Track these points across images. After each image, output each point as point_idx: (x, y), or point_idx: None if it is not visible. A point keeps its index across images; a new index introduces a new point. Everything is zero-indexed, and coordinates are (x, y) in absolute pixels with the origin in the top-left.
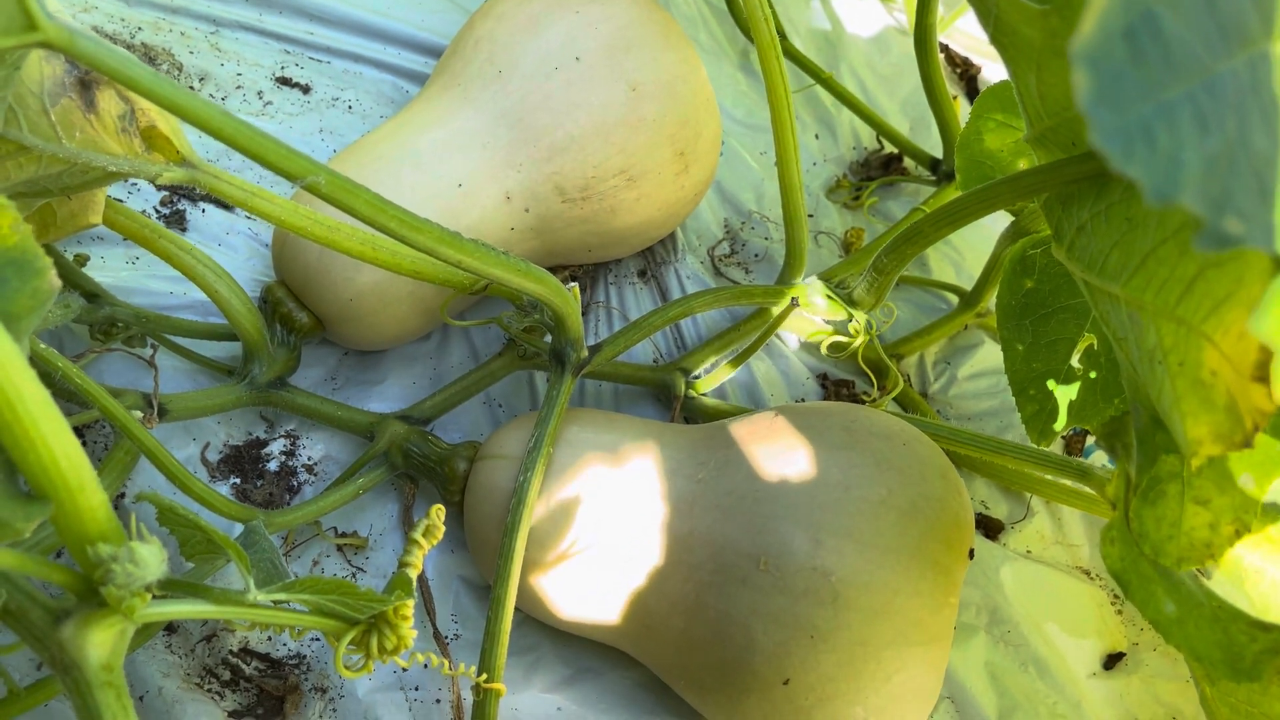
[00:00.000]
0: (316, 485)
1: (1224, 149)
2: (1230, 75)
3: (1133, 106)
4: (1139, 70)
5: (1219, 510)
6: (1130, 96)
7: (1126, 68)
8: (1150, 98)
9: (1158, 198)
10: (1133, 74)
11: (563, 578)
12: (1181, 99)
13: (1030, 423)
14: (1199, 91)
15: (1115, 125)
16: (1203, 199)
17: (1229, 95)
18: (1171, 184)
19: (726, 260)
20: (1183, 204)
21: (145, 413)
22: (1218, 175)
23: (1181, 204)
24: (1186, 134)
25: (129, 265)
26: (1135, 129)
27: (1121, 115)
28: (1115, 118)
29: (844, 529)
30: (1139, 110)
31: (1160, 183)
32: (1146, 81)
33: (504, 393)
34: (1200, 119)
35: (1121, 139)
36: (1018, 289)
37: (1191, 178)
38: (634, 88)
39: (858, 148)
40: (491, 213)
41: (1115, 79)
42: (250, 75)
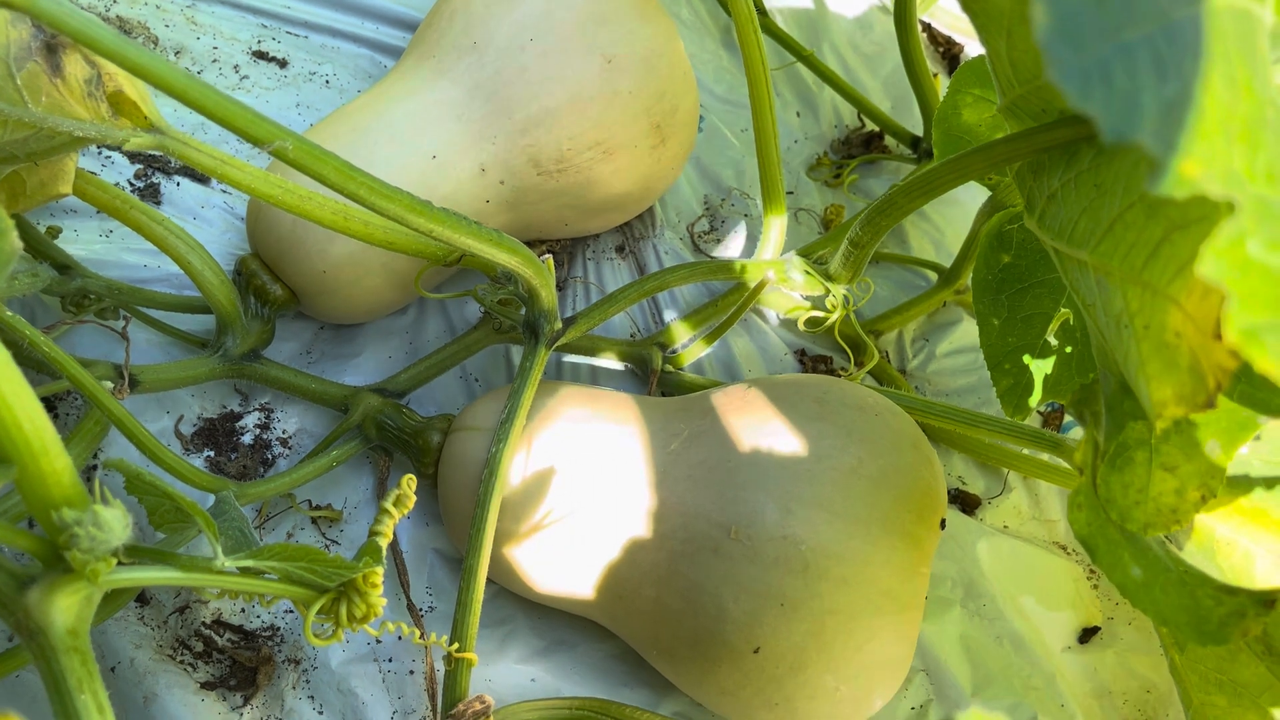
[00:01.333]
0: (291, 458)
1: (1180, 93)
2: (1189, 22)
3: (1092, 45)
4: (1099, 10)
5: (1185, 476)
6: (1089, 35)
7: (1087, 6)
8: (1109, 38)
9: (1114, 135)
10: (1093, 13)
11: (536, 549)
12: (1140, 42)
13: (1005, 397)
14: (1157, 36)
15: (1074, 63)
16: (1158, 139)
17: (1187, 42)
18: (1128, 123)
19: (706, 236)
20: (1139, 142)
21: (116, 383)
22: (1174, 118)
23: (1137, 142)
24: (1144, 77)
25: (102, 238)
26: (1093, 68)
27: (1080, 53)
28: (1074, 55)
29: (814, 498)
30: (1098, 49)
31: (1117, 121)
32: (1106, 22)
33: (480, 366)
34: (1159, 63)
35: (1079, 77)
36: (994, 264)
37: (1148, 119)
38: (610, 60)
39: (839, 125)
40: (466, 185)
41: (1075, 17)
42: (227, 49)
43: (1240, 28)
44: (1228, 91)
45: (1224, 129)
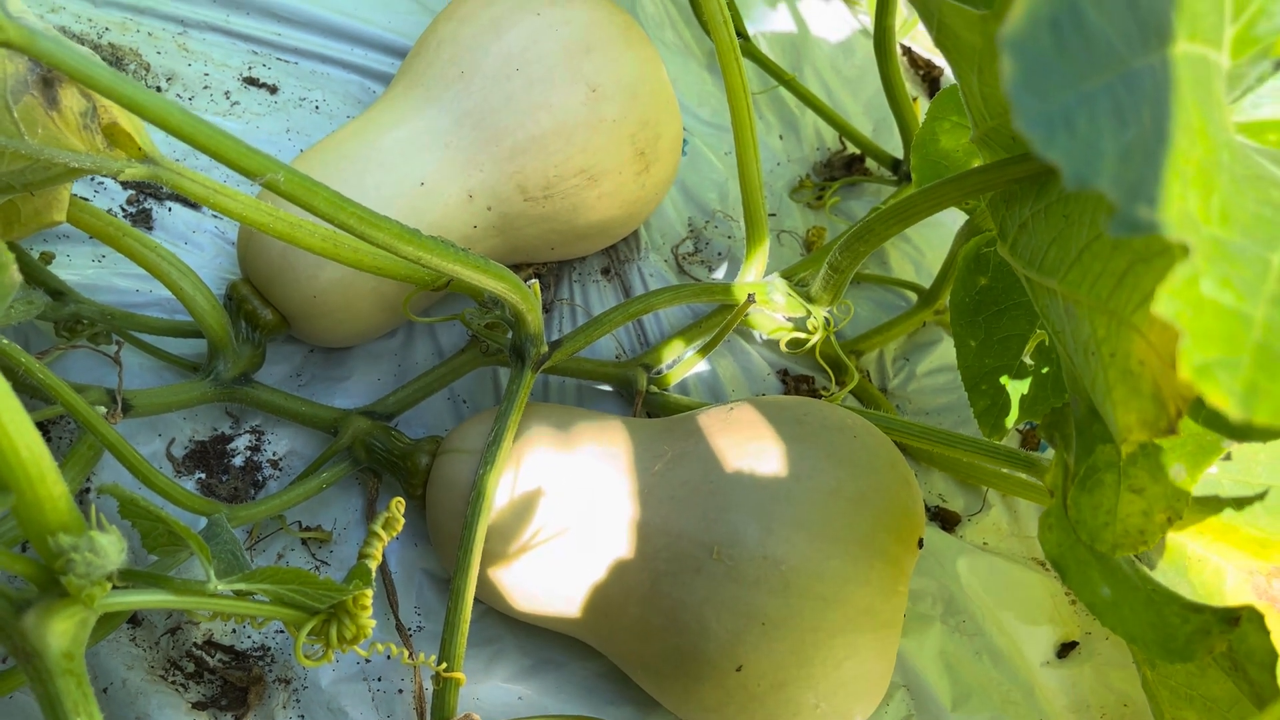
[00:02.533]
0: (281, 480)
1: (1139, 140)
2: (1147, 71)
3: (1055, 94)
4: (1062, 60)
5: (1152, 498)
6: (1053, 84)
7: (1051, 56)
8: (1072, 87)
9: (1075, 182)
10: (1056, 63)
11: (523, 569)
12: (1101, 90)
13: (982, 417)
14: (1117, 84)
15: (1039, 111)
16: (1117, 186)
17: (1146, 90)
18: (1089, 170)
19: (690, 258)
20: (1098, 189)
21: (109, 408)
22: (1133, 164)
23: (1097, 189)
24: (1104, 123)
25: (95, 263)
26: (1057, 116)
27: (1045, 102)
28: (1039, 104)
29: (795, 519)
30: (1061, 98)
31: (1078, 168)
32: (1069, 71)
33: (468, 388)
34: (1119, 110)
35: (1044, 125)
36: (972, 286)
37: (1108, 165)
38: (594, 89)
39: (821, 148)
40: (454, 211)
41: (1040, 67)
42: (218, 75)
43: (1197, 74)
44: (1184, 137)
45: (1180, 173)
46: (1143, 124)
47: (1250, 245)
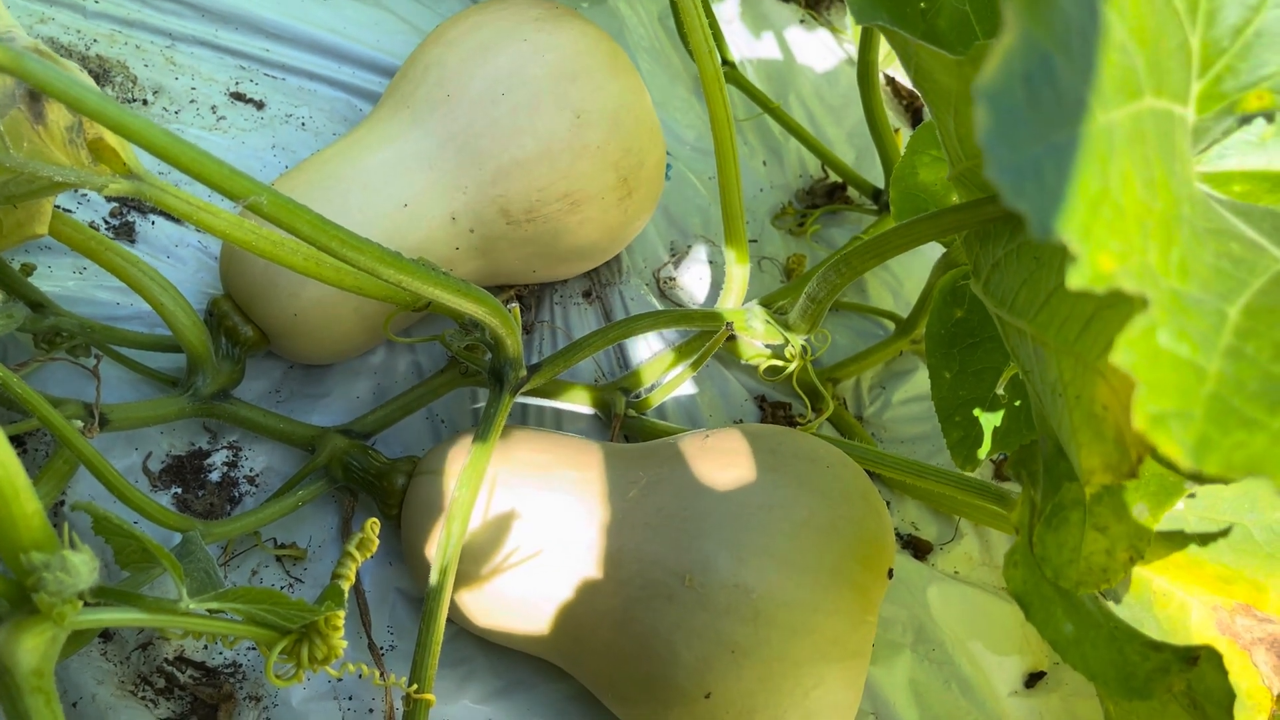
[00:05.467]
0: (258, 496)
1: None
2: (1115, 125)
3: (1026, 145)
4: (1034, 112)
5: (1116, 537)
6: (1024, 136)
7: (1023, 108)
8: (1041, 139)
9: (1040, 232)
10: (1028, 115)
11: (496, 592)
12: (1068, 143)
13: (956, 448)
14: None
15: (1009, 161)
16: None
17: (1114, 145)
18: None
19: (671, 282)
20: (1061, 241)
21: (86, 422)
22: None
23: (1060, 240)
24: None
25: (76, 275)
26: (1027, 166)
27: (1015, 152)
28: (1010, 154)
29: (766, 548)
30: (1031, 149)
31: (1043, 218)
32: (1039, 123)
33: (446, 408)
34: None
35: (1013, 175)
36: (947, 318)
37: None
38: (579, 115)
39: (804, 175)
40: (437, 232)
41: (1012, 118)
42: (205, 90)
43: (1159, 128)
44: (1146, 190)
45: (1141, 225)
46: (1106, 178)
47: (1207, 298)
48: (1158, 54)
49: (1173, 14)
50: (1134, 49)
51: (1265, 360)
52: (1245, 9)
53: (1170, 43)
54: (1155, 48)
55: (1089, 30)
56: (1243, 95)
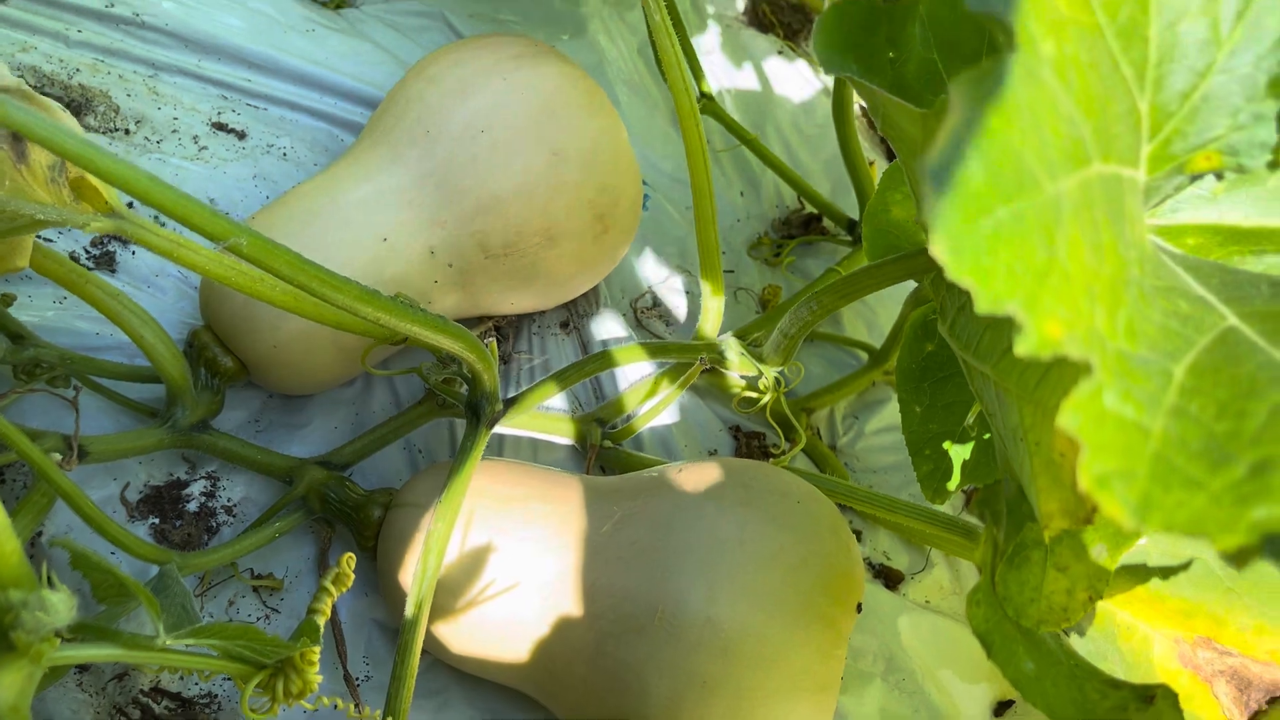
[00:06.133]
0: (235, 526)
1: (1047, 260)
2: (1063, 194)
3: (970, 220)
4: (982, 187)
5: (1075, 577)
6: (969, 211)
7: (971, 183)
8: (988, 214)
9: (985, 307)
10: (975, 192)
11: (471, 624)
12: (1016, 215)
13: (925, 481)
14: (1031, 208)
15: (953, 237)
16: (1023, 311)
17: (1061, 214)
18: (999, 296)
19: (648, 312)
20: (1006, 314)
21: (64, 455)
22: (1044, 290)
23: (1005, 314)
24: (1018, 249)
25: (56, 305)
26: (971, 242)
27: (960, 228)
28: (954, 230)
29: (737, 583)
30: (976, 224)
31: (988, 293)
32: (985, 198)
33: (424, 438)
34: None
35: (957, 251)
36: (918, 352)
37: (1018, 290)
38: (556, 153)
39: (780, 205)
40: (416, 266)
41: (957, 194)
42: (187, 120)
43: (1108, 192)
44: (1093, 256)
45: (1088, 290)
46: (1052, 249)
47: (1154, 358)
48: (1105, 120)
49: (1120, 80)
50: (1080, 119)
51: (1208, 419)
52: (1192, 75)
53: (1119, 108)
54: (1103, 115)
55: (1034, 105)
56: (1191, 156)
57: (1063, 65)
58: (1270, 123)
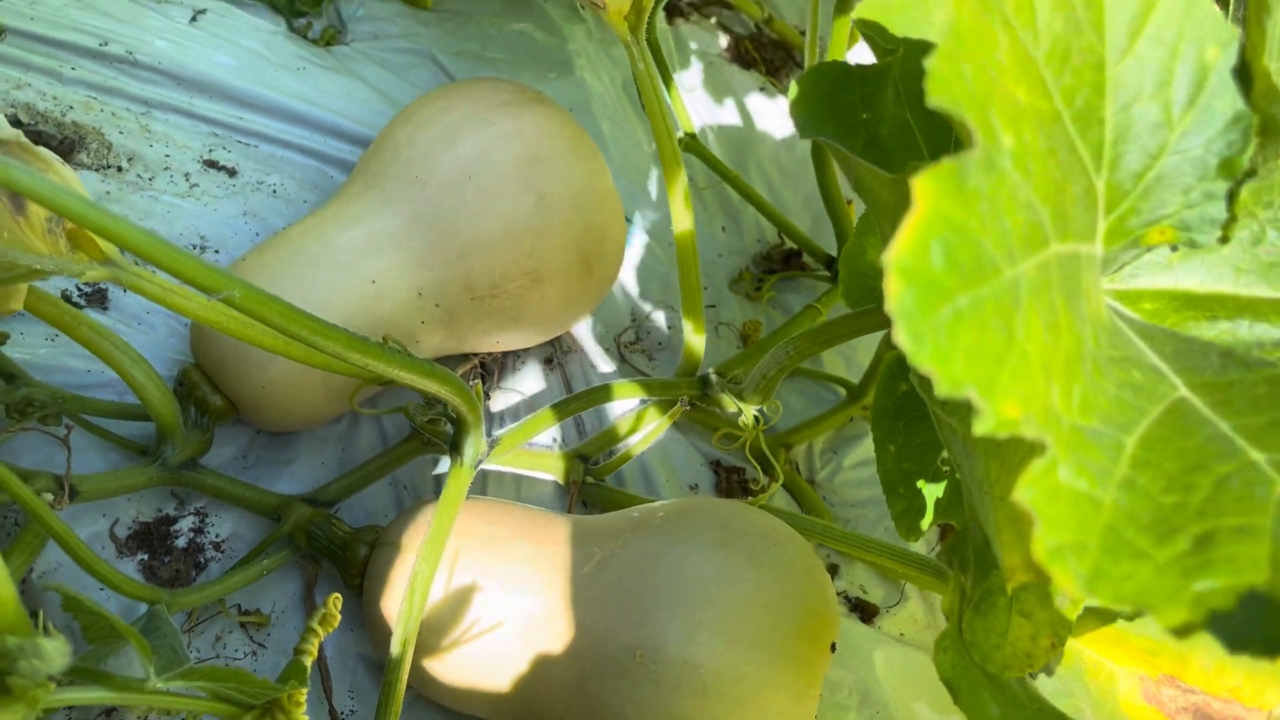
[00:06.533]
0: (223, 562)
1: (1005, 343)
2: (1021, 277)
3: (933, 311)
4: (944, 277)
5: (1039, 624)
6: (932, 302)
7: (933, 276)
8: (949, 302)
9: (946, 391)
10: (937, 282)
11: (455, 661)
12: (976, 301)
13: (899, 520)
14: (991, 294)
15: (916, 328)
16: (982, 394)
17: (1020, 296)
18: (958, 380)
19: (632, 347)
20: (964, 399)
21: (56, 495)
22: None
23: (964, 399)
24: (977, 334)
25: (47, 342)
26: (932, 331)
27: (923, 318)
28: (917, 320)
29: (715, 624)
30: (938, 314)
31: (949, 379)
32: (948, 288)
33: (409, 474)
34: (990, 320)
35: (918, 340)
36: (893, 392)
37: (976, 374)
38: (542, 197)
39: (761, 240)
40: (404, 307)
41: (923, 287)
42: (178, 157)
43: (1065, 270)
44: (1050, 335)
45: (1045, 368)
46: (1009, 331)
47: (1107, 430)
48: (1063, 203)
49: (1078, 161)
50: (1039, 204)
51: (1156, 492)
52: (1146, 155)
53: (1076, 190)
54: (1060, 198)
55: (994, 195)
56: (1146, 231)
57: (1022, 155)
58: (1220, 201)
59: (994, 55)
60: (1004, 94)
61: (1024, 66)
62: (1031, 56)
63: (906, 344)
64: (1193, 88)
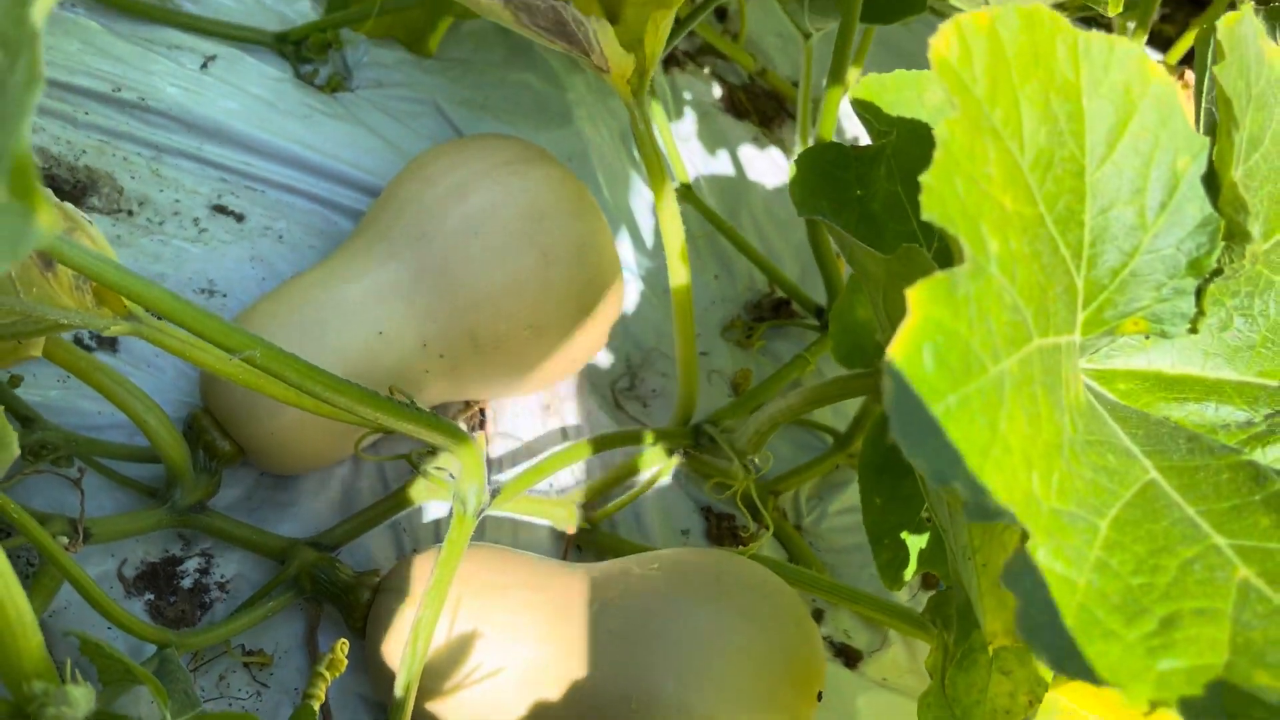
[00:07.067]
0: (227, 602)
1: (989, 436)
2: (1005, 373)
3: (924, 410)
4: (935, 378)
5: (1018, 681)
6: (924, 402)
7: (925, 378)
8: (939, 400)
9: (936, 483)
10: (929, 383)
11: (455, 706)
12: (964, 400)
13: (884, 570)
14: (977, 391)
15: (908, 426)
16: (967, 487)
17: (1004, 391)
18: (945, 473)
19: (627, 394)
20: (953, 489)
21: (71, 539)
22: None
23: (953, 489)
24: (964, 429)
25: (59, 384)
26: (925, 428)
27: (916, 417)
28: (911, 419)
29: (708, 674)
30: (930, 412)
31: (938, 472)
32: (938, 389)
33: (410, 518)
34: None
35: (910, 438)
36: (880, 446)
37: (962, 468)
38: (546, 253)
39: (753, 288)
40: (409, 357)
41: (915, 388)
42: (188, 202)
43: (1046, 362)
44: (1030, 426)
45: (1026, 457)
46: (996, 424)
47: (1082, 514)
48: (1045, 300)
49: (1060, 262)
50: (1023, 305)
51: (1126, 573)
52: (1122, 254)
53: (1058, 288)
54: (1043, 296)
55: (981, 299)
56: (1121, 322)
57: (1008, 260)
58: (1190, 296)
59: (984, 169)
60: (993, 202)
61: (1011, 175)
62: (1018, 164)
63: (900, 441)
64: (1165, 193)
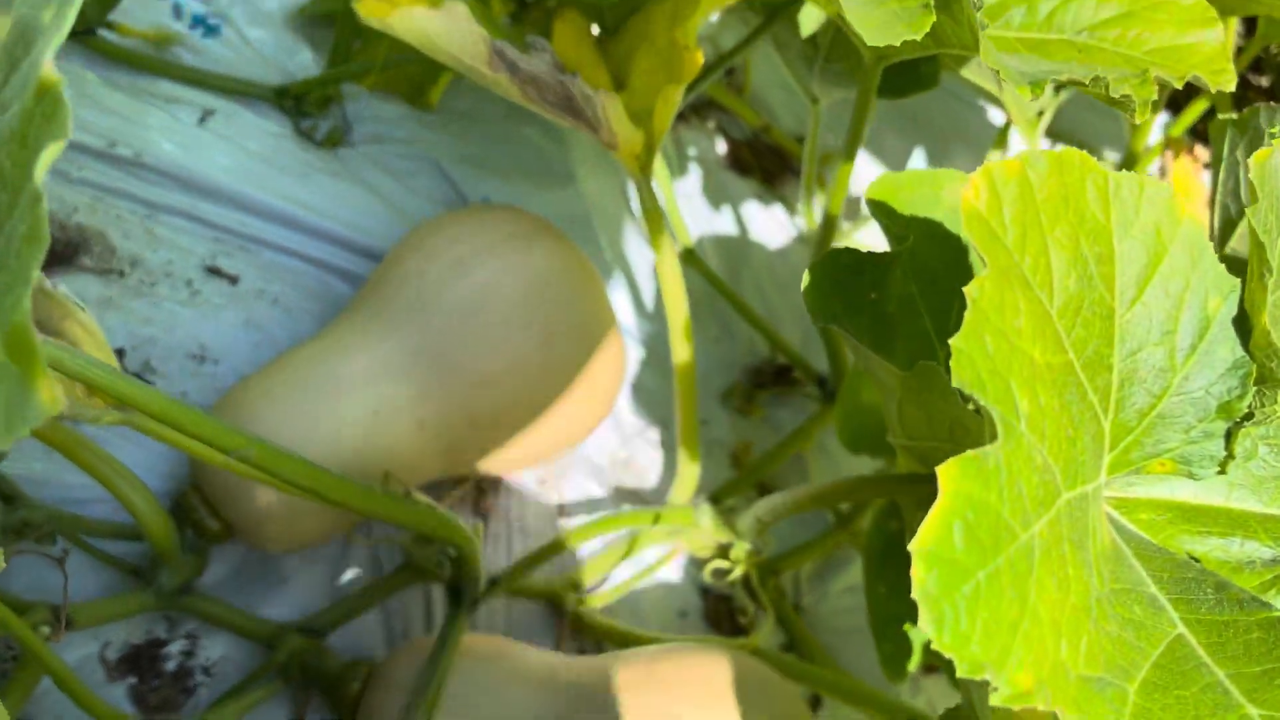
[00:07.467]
0: (212, 687)
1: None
2: (1035, 538)
3: (954, 590)
4: (964, 556)
5: None
6: (954, 583)
7: (954, 558)
8: (969, 579)
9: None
10: (959, 563)
11: None
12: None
13: (886, 662)
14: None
15: (937, 610)
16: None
17: (1034, 558)
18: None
19: (623, 468)
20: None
21: (53, 627)
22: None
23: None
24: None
25: (44, 456)
26: (953, 610)
27: (944, 598)
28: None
29: None
30: (959, 592)
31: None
32: (967, 567)
33: (400, 601)
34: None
35: (939, 624)
36: (884, 532)
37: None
38: (547, 332)
39: (754, 353)
40: (405, 438)
41: (945, 570)
42: (181, 263)
43: (1074, 515)
44: (1059, 590)
45: (1054, 625)
46: (1024, 594)
47: (1110, 678)
48: (1073, 453)
49: (1089, 408)
50: (1052, 463)
51: None
52: (1150, 396)
53: (1086, 436)
54: (1072, 449)
55: (1012, 463)
56: (1148, 462)
57: (1038, 419)
58: (1219, 439)
59: (1013, 322)
60: (1022, 357)
61: (1040, 325)
62: (1047, 313)
63: (929, 628)
64: (1196, 335)
